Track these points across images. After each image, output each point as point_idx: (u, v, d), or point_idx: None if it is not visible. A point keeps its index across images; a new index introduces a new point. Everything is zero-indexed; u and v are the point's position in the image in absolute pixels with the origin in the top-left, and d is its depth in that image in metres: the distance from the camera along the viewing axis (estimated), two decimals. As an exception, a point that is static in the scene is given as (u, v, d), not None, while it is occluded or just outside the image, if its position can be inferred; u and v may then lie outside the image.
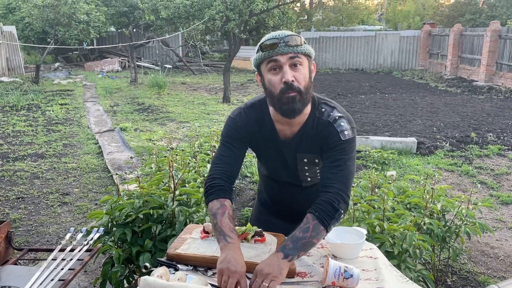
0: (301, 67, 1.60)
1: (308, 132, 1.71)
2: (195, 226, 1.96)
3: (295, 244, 1.53)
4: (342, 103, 10.48)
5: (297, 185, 1.93)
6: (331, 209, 1.58)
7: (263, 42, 1.61)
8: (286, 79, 1.56)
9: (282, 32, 1.61)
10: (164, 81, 12.43)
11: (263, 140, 1.78)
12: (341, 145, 1.65)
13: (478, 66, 14.41)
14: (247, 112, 1.77)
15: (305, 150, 1.75)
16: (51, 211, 4.43)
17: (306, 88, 1.62)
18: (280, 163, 1.85)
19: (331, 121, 1.68)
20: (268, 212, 2.11)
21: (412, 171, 5.48)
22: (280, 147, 1.78)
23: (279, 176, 1.95)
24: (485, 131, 7.43)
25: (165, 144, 6.51)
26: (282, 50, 1.57)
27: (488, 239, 3.81)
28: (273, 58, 1.58)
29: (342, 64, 19.50)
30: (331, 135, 1.66)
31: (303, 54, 1.60)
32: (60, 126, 8.12)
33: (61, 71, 17.09)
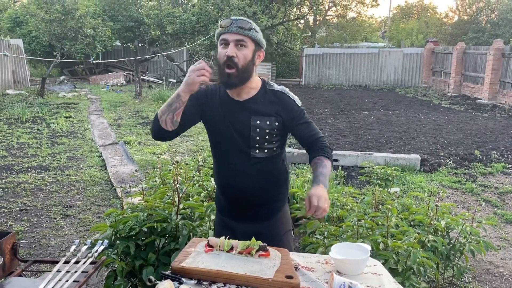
0: (245, 48, 1.88)
1: (261, 99, 1.98)
2: (199, 239, 1.96)
3: (325, 177, 1.87)
4: (346, 119, 10.51)
5: (246, 154, 2.00)
6: (329, 149, 1.99)
7: (221, 20, 1.91)
8: (228, 53, 1.85)
9: (240, 17, 1.91)
10: (168, 95, 12.51)
11: (219, 104, 2.00)
12: (299, 110, 2.00)
13: (481, 84, 14.46)
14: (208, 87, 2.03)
15: (259, 113, 1.97)
16: (54, 223, 4.43)
17: (244, 67, 1.88)
18: (232, 126, 1.99)
19: (284, 92, 2.00)
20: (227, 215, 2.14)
21: (416, 188, 5.46)
22: (235, 109, 1.98)
23: (228, 144, 2.02)
24: (489, 149, 7.42)
25: (169, 158, 6.53)
26: (231, 29, 1.86)
27: (493, 257, 3.78)
28: (224, 36, 1.88)
29: (346, 81, 19.61)
30: (289, 103, 1.98)
31: (249, 37, 1.88)
32: (64, 139, 8.16)
33: (66, 84, 17.24)
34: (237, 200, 2.08)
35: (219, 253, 1.77)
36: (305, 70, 19.84)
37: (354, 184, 5.62)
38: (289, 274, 1.63)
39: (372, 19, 32.37)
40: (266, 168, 2.02)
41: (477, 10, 23.02)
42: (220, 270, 1.65)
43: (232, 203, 2.11)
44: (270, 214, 2.08)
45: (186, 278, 1.63)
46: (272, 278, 1.60)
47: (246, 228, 2.03)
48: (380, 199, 2.98)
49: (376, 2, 27.72)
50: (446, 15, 28.31)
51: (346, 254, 1.75)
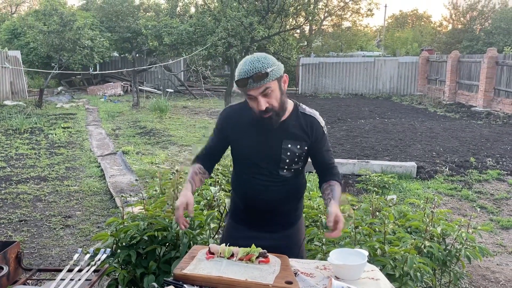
0: (272, 93, 1.90)
1: (293, 123, 2.03)
2: (200, 247, 2.00)
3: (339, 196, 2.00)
4: (342, 127, 10.59)
5: (273, 176, 2.04)
6: (341, 177, 2.14)
7: (236, 80, 1.89)
8: (261, 108, 1.88)
9: (249, 67, 1.85)
10: (166, 105, 12.58)
11: (249, 127, 2.03)
12: (325, 136, 2.09)
13: (476, 92, 14.60)
14: (232, 110, 2.11)
15: (291, 137, 2.02)
16: (53, 233, 4.45)
17: (281, 105, 1.94)
18: (262, 148, 2.04)
19: (315, 117, 2.06)
20: (242, 225, 2.16)
21: (412, 195, 5.52)
22: (266, 133, 2.02)
23: (258, 165, 2.06)
24: (484, 156, 7.49)
25: (168, 167, 6.57)
26: (252, 86, 1.86)
27: (489, 263, 3.83)
28: (248, 93, 1.89)
29: (342, 89, 19.74)
30: (318, 129, 2.05)
31: (271, 81, 1.87)
32: (62, 149, 8.19)
33: (64, 95, 17.30)
34: (258, 211, 2.11)
35: (220, 260, 1.82)
36: (302, 79, 19.98)
37: (352, 191, 5.67)
38: (289, 279, 1.68)
39: (367, 28, 32.73)
40: (290, 185, 2.10)
41: (471, 19, 23.30)
42: (221, 277, 1.69)
43: (252, 213, 2.13)
44: (290, 223, 2.15)
45: (188, 284, 1.67)
46: (272, 283, 1.65)
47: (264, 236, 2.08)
48: (377, 206, 3.03)
49: (371, 12, 28.00)
50: (440, 24, 28.65)
51: (344, 259, 1.80)
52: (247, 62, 1.87)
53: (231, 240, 2.09)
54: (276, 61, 1.92)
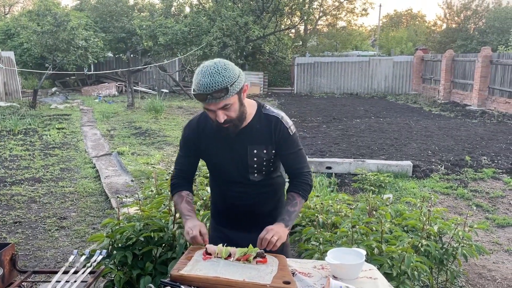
0: (231, 106, 1.83)
1: (256, 126, 1.97)
2: (197, 247, 1.98)
3: (290, 216, 1.94)
4: (338, 127, 10.60)
5: (245, 182, 2.05)
6: (308, 187, 2.03)
7: (194, 92, 1.81)
8: (219, 120, 1.83)
9: (208, 81, 1.75)
10: (161, 105, 12.54)
11: (214, 137, 1.99)
12: (292, 138, 1.99)
13: (470, 91, 14.67)
14: (196, 121, 2.06)
15: (255, 142, 1.97)
16: (48, 235, 4.42)
17: (239, 116, 1.88)
18: (230, 156, 2.01)
19: (279, 117, 1.98)
20: (224, 227, 2.18)
21: (408, 194, 5.53)
22: (231, 141, 1.97)
23: (227, 172, 2.07)
24: (479, 155, 7.52)
25: (163, 168, 6.54)
26: (210, 101, 1.79)
27: (485, 261, 3.83)
28: (206, 107, 1.83)
29: (337, 89, 19.77)
30: (282, 130, 1.97)
31: (231, 97, 1.80)
32: (57, 150, 8.14)
33: (58, 95, 17.21)
34: (237, 214, 2.12)
35: (217, 261, 1.80)
36: (297, 79, 19.99)
37: (348, 191, 5.67)
38: (287, 279, 1.67)
39: (362, 28, 32.82)
40: (265, 187, 2.08)
41: (465, 18, 23.42)
42: (219, 277, 1.67)
43: (231, 215, 2.14)
44: (270, 223, 2.07)
45: (185, 285, 1.66)
46: (270, 283, 1.64)
47: (244, 236, 2.02)
48: (373, 205, 3.03)
49: (365, 11, 28.09)
50: (435, 23, 28.77)
51: (342, 259, 1.79)
52: (206, 74, 1.76)
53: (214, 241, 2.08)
54: (237, 71, 1.81)
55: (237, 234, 2.06)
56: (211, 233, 2.25)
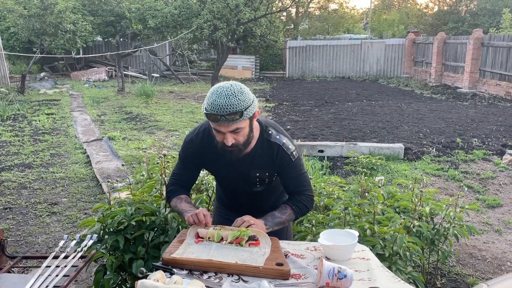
0: (241, 130, 1.81)
1: (259, 152, 1.95)
2: (189, 230, 1.96)
3: (273, 220, 1.94)
4: (330, 110, 10.59)
5: (248, 190, 2.09)
6: (304, 208, 2.02)
7: (207, 112, 1.75)
8: (227, 143, 1.80)
9: (224, 102, 1.71)
10: (151, 90, 12.41)
11: (217, 159, 1.98)
12: (294, 164, 1.97)
13: (462, 73, 14.69)
14: (199, 136, 2.00)
15: (258, 167, 1.98)
16: (39, 221, 4.38)
17: (246, 141, 1.86)
18: (234, 177, 2.04)
19: (280, 144, 1.94)
20: (227, 208, 2.25)
21: (400, 176, 5.55)
22: (234, 164, 1.97)
23: (232, 186, 2.14)
24: (470, 137, 7.57)
25: (155, 152, 6.50)
26: (222, 123, 1.75)
27: (476, 241, 3.88)
28: (216, 128, 1.80)
29: (329, 72, 19.71)
30: (284, 157, 1.95)
31: (243, 121, 1.78)
32: (47, 136, 8.04)
33: (47, 80, 16.95)
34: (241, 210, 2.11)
35: (210, 244, 1.79)
36: (289, 63, 19.87)
37: (340, 174, 5.68)
38: (280, 261, 1.66)
39: (354, 11, 32.52)
40: (268, 191, 2.11)
41: (457, 1, 23.33)
42: (211, 260, 1.66)
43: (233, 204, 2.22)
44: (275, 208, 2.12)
45: (177, 268, 1.65)
46: (263, 266, 1.63)
47: None
48: (366, 187, 3.03)
49: (357, -6, 27.77)
50: (426, 6, 28.65)
51: (335, 240, 1.79)
52: (222, 95, 1.72)
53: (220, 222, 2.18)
54: (251, 96, 1.79)
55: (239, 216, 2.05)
56: (215, 219, 2.31)
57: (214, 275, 1.63)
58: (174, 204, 2.04)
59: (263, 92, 14.35)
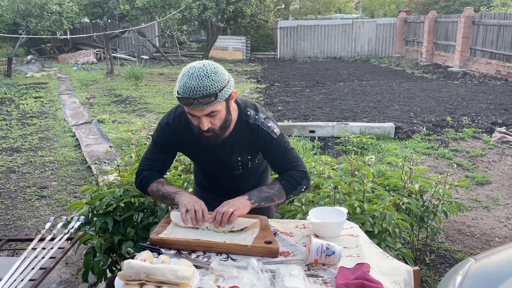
0: (218, 113, 1.70)
1: (238, 135, 1.85)
2: (177, 211, 1.95)
3: (260, 194, 1.82)
4: (321, 91, 10.55)
5: (229, 174, 2.01)
6: (295, 182, 1.87)
7: (178, 95, 1.65)
8: (202, 127, 1.70)
9: (196, 84, 1.61)
10: (141, 72, 12.25)
11: (195, 144, 1.87)
12: (276, 142, 1.86)
13: (452, 52, 14.68)
14: (176, 120, 1.88)
15: (238, 151, 1.89)
16: (29, 204, 4.35)
17: (223, 125, 1.75)
18: (214, 162, 1.96)
19: (258, 123, 1.84)
20: (207, 192, 2.16)
21: (391, 155, 5.57)
22: (213, 149, 1.88)
23: (212, 171, 2.05)
24: (460, 115, 7.59)
25: (144, 135, 6.44)
26: (196, 106, 1.64)
27: (464, 218, 3.92)
28: (190, 112, 1.69)
29: (320, 53, 19.58)
30: (264, 137, 1.84)
31: (219, 103, 1.67)
32: (35, 120, 7.93)
33: (34, 63, 16.65)
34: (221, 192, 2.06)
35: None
36: (280, 43, 19.69)
37: (331, 153, 5.69)
38: (268, 239, 1.66)
39: (345, -10, 32.13)
40: (249, 173, 2.03)
41: (448, -22, 23.11)
42: (199, 239, 1.65)
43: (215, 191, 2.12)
44: None
45: (165, 248, 1.63)
46: (252, 244, 1.62)
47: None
48: (356, 166, 3.02)
49: (348, -28, 27.47)
50: (418, -16, 28.34)
51: (324, 218, 1.78)
52: (194, 76, 1.61)
53: None
54: (226, 76, 1.68)
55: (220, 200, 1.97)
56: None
57: (203, 254, 1.62)
58: (155, 189, 1.88)
59: (254, 73, 14.24)
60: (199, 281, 1.39)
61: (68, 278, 3.06)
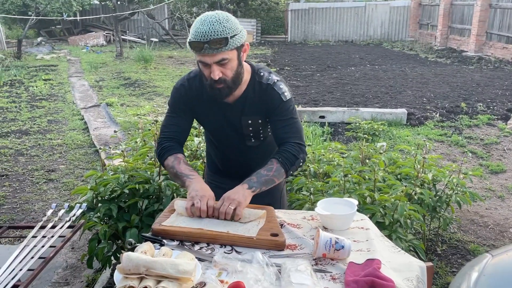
0: (229, 62, 1.68)
1: (250, 96, 1.84)
2: (181, 200, 1.89)
3: (259, 179, 1.74)
4: (332, 75, 10.38)
5: (241, 146, 1.97)
6: (292, 157, 1.79)
7: (190, 41, 1.65)
8: (213, 77, 1.67)
9: (207, 29, 1.60)
10: (150, 55, 12.16)
11: (207, 105, 1.88)
12: (284, 105, 1.82)
13: (468, 36, 14.31)
14: (190, 82, 1.89)
15: (249, 113, 1.86)
16: (36, 188, 4.34)
17: (235, 77, 1.73)
18: (224, 126, 1.92)
19: (271, 83, 1.82)
20: (219, 174, 2.14)
21: (402, 142, 5.46)
22: (224, 111, 1.87)
23: (224, 139, 2.00)
24: (475, 101, 7.41)
25: (152, 119, 6.39)
26: (207, 52, 1.63)
27: (478, 208, 3.82)
28: (201, 59, 1.67)
29: (332, 36, 19.25)
30: (274, 97, 1.81)
31: (230, 50, 1.65)
32: (44, 102, 7.93)
33: (44, 45, 16.64)
34: (234, 171, 2.04)
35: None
36: (291, 26, 19.38)
37: (341, 140, 5.59)
38: (274, 231, 1.59)
39: (358, -29, 31.45)
40: (263, 147, 1.99)
41: (465, -40, 22.43)
42: (202, 229, 1.59)
43: (228, 170, 2.09)
44: None
45: (167, 239, 1.58)
46: (257, 236, 1.56)
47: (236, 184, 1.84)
48: (367, 153, 2.93)
49: (362, -47, 26.81)
50: (434, -34, 27.61)
51: (333, 209, 1.71)
52: (206, 22, 1.61)
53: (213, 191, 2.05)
54: (239, 26, 1.67)
55: (234, 183, 1.86)
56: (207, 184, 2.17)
57: (206, 246, 1.56)
58: (170, 164, 1.83)
59: (264, 57, 14.06)
60: (201, 274, 1.33)
61: (74, 263, 3.05)
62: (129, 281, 1.25)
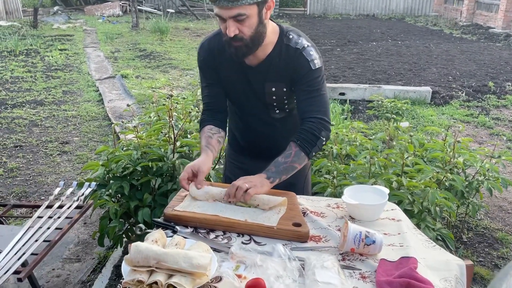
0: (246, 19, 1.51)
1: (276, 60, 1.66)
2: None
3: (277, 168, 1.58)
4: (353, 50, 10.04)
5: (266, 117, 1.82)
6: (312, 137, 1.62)
7: None
8: (229, 34, 1.52)
9: None
10: (166, 27, 11.93)
11: (229, 67, 1.73)
12: (312, 74, 1.63)
13: (496, 12, 13.67)
14: (210, 42, 1.76)
15: (273, 79, 1.69)
16: (50, 160, 4.28)
17: (254, 37, 1.56)
18: (247, 92, 1.76)
19: (300, 48, 1.63)
20: (239, 152, 2.01)
21: (426, 122, 5.23)
22: (246, 74, 1.72)
23: (246, 107, 1.84)
24: (503, 80, 7.07)
25: (167, 92, 6.26)
26: (222, 4, 1.47)
27: (506, 194, 3.63)
28: (217, 12, 1.52)
29: (353, 10, 18.65)
30: (301, 64, 1.63)
31: (248, 5, 1.48)
32: (59, 73, 7.84)
33: (60, 15, 16.49)
34: (257, 146, 1.90)
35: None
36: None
37: (362, 118, 5.38)
38: (297, 221, 1.45)
39: None
40: (288, 122, 1.83)
41: None
42: (219, 216, 1.46)
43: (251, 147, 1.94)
44: None
45: (180, 226, 1.45)
46: (277, 225, 1.42)
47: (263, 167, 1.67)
48: (392, 134, 2.76)
49: None
50: None
51: (361, 197, 1.56)
52: None
53: (230, 171, 2.03)
54: None
55: (255, 165, 1.75)
56: (227, 164, 2.08)
57: (223, 235, 1.43)
58: (200, 135, 1.79)
59: (283, 30, 13.68)
60: (216, 268, 1.21)
61: (86, 239, 2.98)
62: (137, 274, 1.13)
